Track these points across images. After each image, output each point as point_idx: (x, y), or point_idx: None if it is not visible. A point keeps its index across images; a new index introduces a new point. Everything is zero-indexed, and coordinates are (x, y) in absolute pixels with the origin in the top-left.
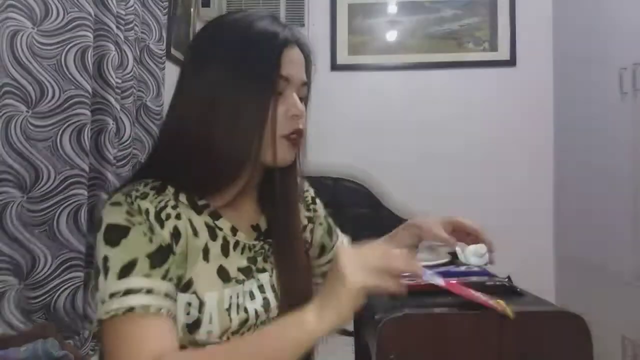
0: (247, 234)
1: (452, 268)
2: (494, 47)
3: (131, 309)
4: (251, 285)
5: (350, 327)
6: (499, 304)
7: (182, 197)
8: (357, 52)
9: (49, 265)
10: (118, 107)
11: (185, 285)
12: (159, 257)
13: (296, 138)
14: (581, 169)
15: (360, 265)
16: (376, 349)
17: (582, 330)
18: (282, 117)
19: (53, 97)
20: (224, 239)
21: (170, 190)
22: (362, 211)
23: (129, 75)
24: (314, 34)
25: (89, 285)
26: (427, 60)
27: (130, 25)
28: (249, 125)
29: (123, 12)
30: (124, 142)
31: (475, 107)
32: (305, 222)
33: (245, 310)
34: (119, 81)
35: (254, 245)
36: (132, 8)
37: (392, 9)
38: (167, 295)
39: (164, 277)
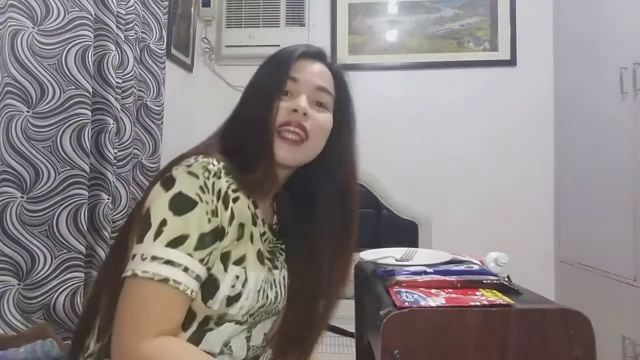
0: (269, 230)
1: (451, 267)
2: (494, 47)
3: (165, 280)
4: (271, 276)
5: (352, 328)
6: (495, 294)
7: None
8: (357, 52)
9: (49, 266)
10: (118, 107)
11: (239, 260)
12: (209, 239)
13: (293, 134)
14: (581, 169)
15: None
16: (380, 345)
17: (584, 327)
18: (284, 111)
19: (53, 97)
20: (260, 227)
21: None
22: (362, 211)
23: (129, 75)
24: (314, 34)
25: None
26: (427, 60)
27: (131, 25)
28: (258, 118)
29: (123, 12)
30: (124, 142)
31: (475, 107)
32: None
33: (267, 296)
34: (119, 81)
35: (273, 240)
36: (132, 8)
37: (392, 8)
38: (198, 277)
39: (202, 260)
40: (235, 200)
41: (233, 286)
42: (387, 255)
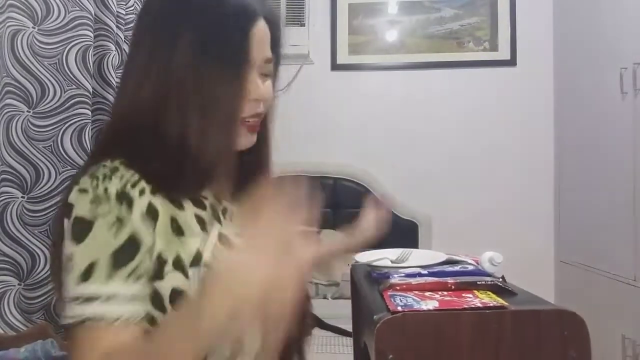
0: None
1: (446, 267)
2: (494, 47)
3: (86, 319)
4: None
5: (349, 328)
6: (489, 295)
7: None
8: (358, 52)
9: (49, 266)
10: None
11: (195, 259)
12: (126, 252)
13: (255, 122)
14: (581, 169)
15: None
16: (374, 350)
17: (579, 328)
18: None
19: (54, 96)
20: (212, 207)
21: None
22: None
23: None
24: (314, 34)
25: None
26: (427, 60)
27: (131, 25)
28: (226, 114)
29: (123, 12)
30: None
31: (475, 107)
32: None
33: None
34: (119, 81)
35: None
36: (132, 8)
37: (392, 8)
38: (134, 296)
39: (129, 277)
40: (154, 191)
41: None
42: (382, 257)
